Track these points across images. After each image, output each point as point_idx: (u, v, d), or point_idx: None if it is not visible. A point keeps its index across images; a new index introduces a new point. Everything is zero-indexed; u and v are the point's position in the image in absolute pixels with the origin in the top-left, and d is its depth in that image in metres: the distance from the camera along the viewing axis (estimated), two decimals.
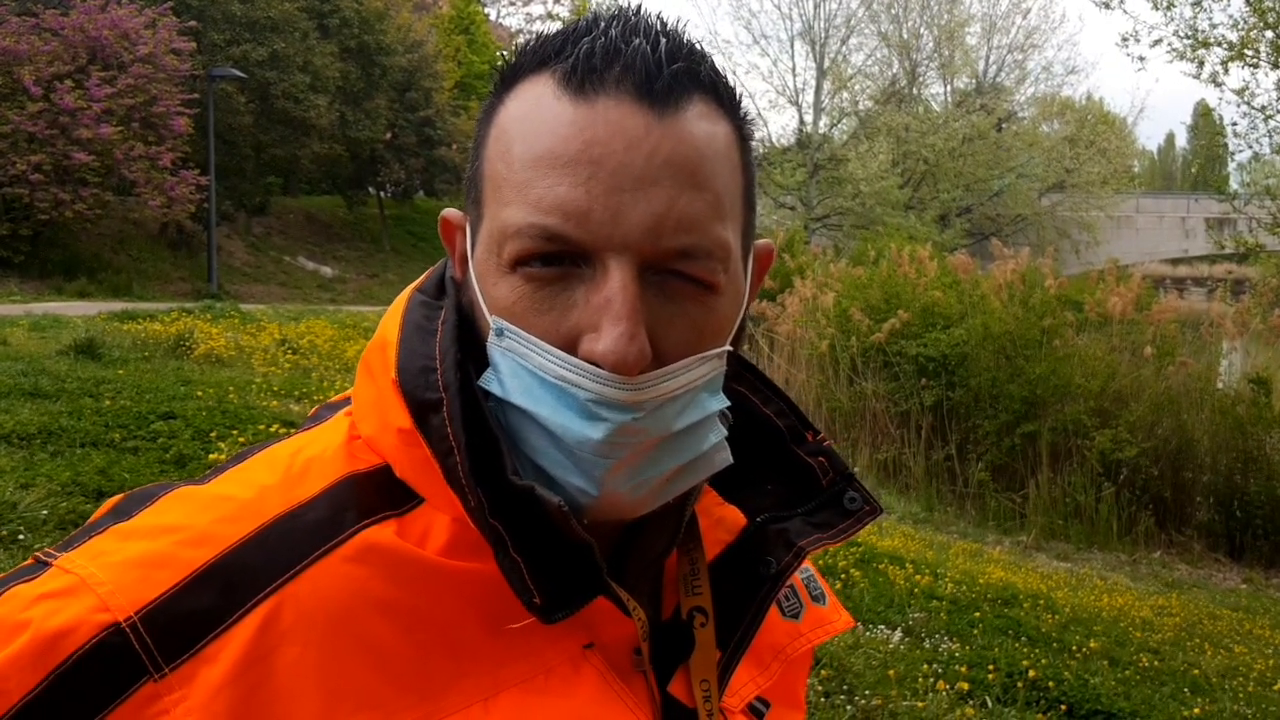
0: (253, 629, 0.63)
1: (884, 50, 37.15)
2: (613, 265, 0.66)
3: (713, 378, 0.71)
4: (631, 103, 0.66)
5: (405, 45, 29.45)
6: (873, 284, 14.85)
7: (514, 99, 0.71)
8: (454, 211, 0.79)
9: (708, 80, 0.70)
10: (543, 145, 0.67)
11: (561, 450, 0.67)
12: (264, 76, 23.93)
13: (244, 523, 0.67)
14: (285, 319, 15.22)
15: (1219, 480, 11.57)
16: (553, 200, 0.66)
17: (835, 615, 0.94)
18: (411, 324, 0.73)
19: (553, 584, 0.68)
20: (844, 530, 0.82)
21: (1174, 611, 7.95)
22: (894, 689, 4.33)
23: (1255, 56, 11.41)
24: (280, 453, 0.74)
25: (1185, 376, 12.10)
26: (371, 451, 0.73)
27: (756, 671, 0.85)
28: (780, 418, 0.85)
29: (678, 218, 0.66)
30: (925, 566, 7.03)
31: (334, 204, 31.90)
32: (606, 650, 0.73)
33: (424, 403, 0.69)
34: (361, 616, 0.66)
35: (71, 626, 0.62)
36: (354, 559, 0.67)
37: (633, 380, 0.65)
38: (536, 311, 0.68)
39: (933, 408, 12.75)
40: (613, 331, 0.65)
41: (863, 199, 30.59)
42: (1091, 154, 34.82)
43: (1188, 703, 5.18)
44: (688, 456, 0.71)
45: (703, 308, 0.70)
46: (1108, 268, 14.84)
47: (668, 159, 0.66)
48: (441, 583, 0.69)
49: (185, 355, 10.12)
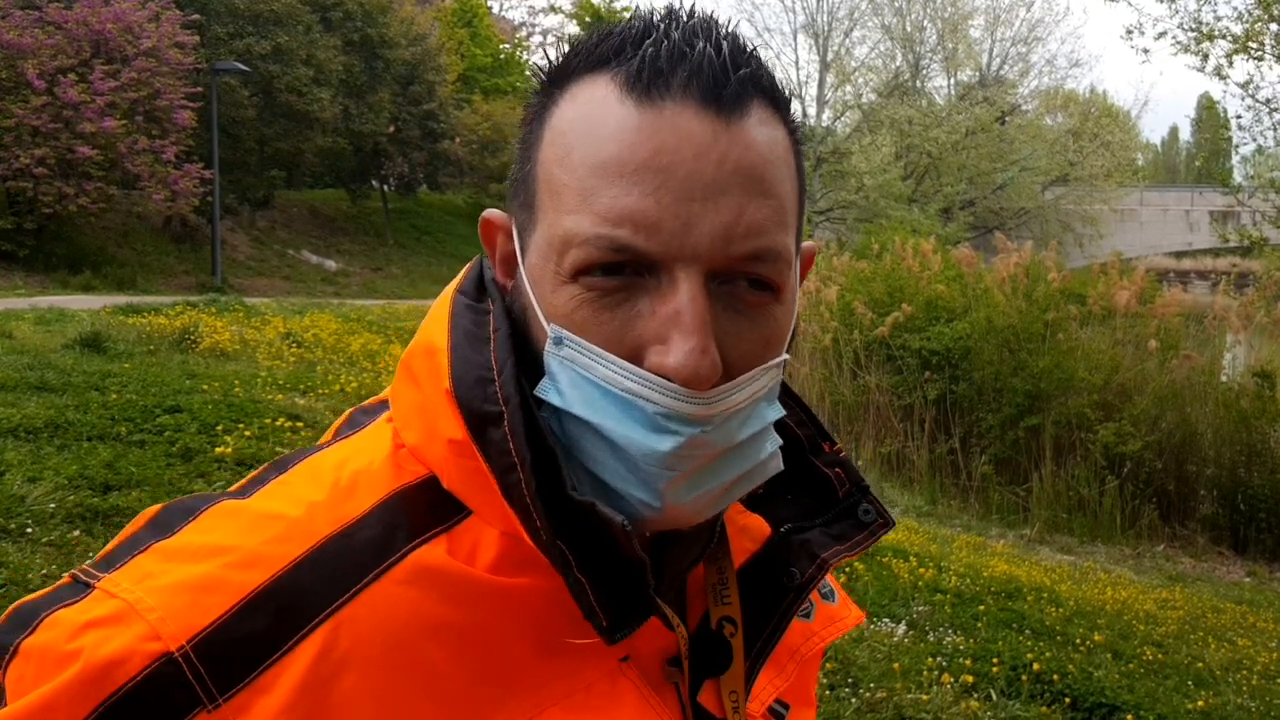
0: (309, 656, 0.62)
1: (887, 43, 37.11)
2: (681, 276, 0.65)
3: (772, 388, 0.71)
4: (697, 108, 0.65)
5: (408, 38, 29.41)
6: (876, 278, 14.85)
7: (569, 100, 0.69)
8: (497, 212, 0.77)
9: (767, 85, 0.70)
10: (608, 151, 0.65)
11: (624, 462, 0.66)
12: (267, 70, 23.88)
13: (295, 543, 0.65)
14: (289, 312, 15.21)
15: (1223, 474, 11.56)
16: (621, 210, 0.64)
17: (845, 611, 0.94)
18: (461, 330, 0.72)
19: (613, 603, 0.68)
20: (860, 542, 0.83)
21: (1178, 605, 7.96)
22: (898, 682, 4.34)
23: (1260, 49, 11.38)
24: (324, 464, 0.73)
25: (1189, 370, 12.08)
26: (417, 461, 0.72)
27: (775, 674, 0.85)
28: (800, 427, 0.85)
29: (747, 225, 0.66)
30: (929, 560, 7.04)
31: (337, 197, 31.87)
32: (640, 662, 0.74)
33: (482, 415, 0.67)
34: (416, 641, 0.65)
35: (123, 656, 0.60)
36: (407, 581, 0.66)
37: (704, 394, 0.65)
38: (598, 322, 0.66)
39: (936, 401, 12.75)
40: (684, 345, 0.64)
41: (866, 192, 30.55)
42: (1095, 147, 34.75)
43: (1191, 696, 5.18)
44: (746, 466, 0.70)
45: (767, 316, 0.69)
46: (1111, 261, 14.82)
47: (736, 167, 0.65)
48: (491, 601, 0.68)
49: (190, 349, 10.11)
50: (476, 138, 31.16)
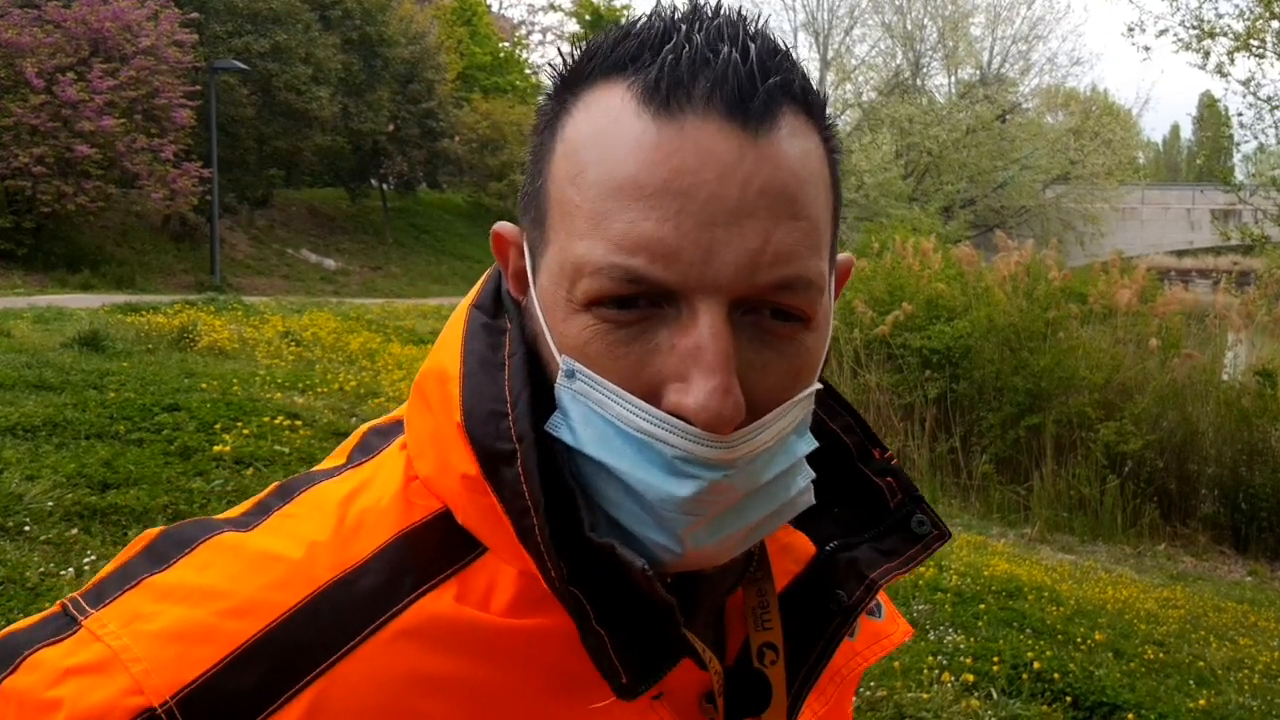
0: (298, 714, 0.59)
1: (887, 41, 37.13)
2: (702, 308, 0.60)
3: (802, 420, 0.66)
4: (721, 122, 0.60)
5: (407, 37, 29.39)
6: (876, 276, 14.83)
7: (583, 110, 0.64)
8: (508, 226, 0.72)
9: (800, 91, 0.64)
10: (623, 172, 0.60)
11: (641, 506, 0.62)
12: (266, 68, 23.87)
13: (293, 590, 0.62)
14: (288, 311, 15.21)
15: (1224, 473, 11.56)
16: (637, 237, 0.59)
17: (892, 628, 0.88)
18: (475, 355, 0.67)
19: (636, 654, 0.64)
20: (913, 558, 0.78)
21: (1179, 604, 7.94)
22: (899, 680, 4.33)
23: (1261, 47, 11.37)
24: (330, 497, 0.69)
25: (1190, 369, 12.08)
26: (429, 494, 0.68)
27: (814, 696, 0.80)
28: (847, 434, 0.80)
29: (774, 252, 0.60)
30: (930, 559, 7.02)
31: (336, 196, 31.87)
32: (673, 698, 0.69)
33: (495, 453, 0.63)
34: (414, 699, 0.61)
35: (104, 710, 0.57)
36: (408, 634, 0.62)
37: (726, 438, 0.60)
38: (613, 355, 0.61)
39: (937, 400, 12.74)
40: (705, 385, 0.59)
41: (866, 191, 30.54)
42: (1096, 145, 34.75)
43: (1193, 695, 5.17)
44: (774, 505, 0.65)
45: (797, 347, 0.64)
46: (1112, 260, 14.82)
47: (763, 188, 0.60)
48: (505, 648, 0.64)
49: (189, 347, 10.15)
50: (476, 136, 31.14)
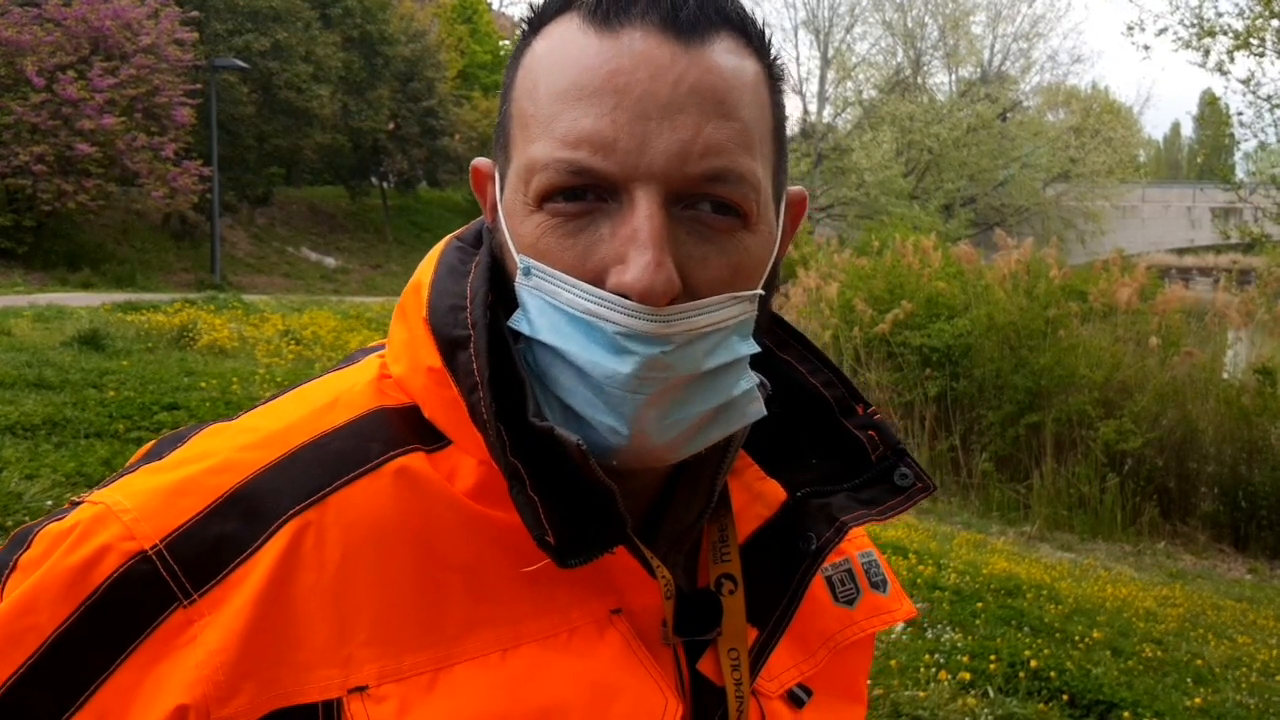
0: (275, 554, 0.64)
1: (888, 39, 37.09)
2: (639, 195, 0.65)
3: (744, 320, 0.69)
4: (657, 33, 0.66)
5: (408, 35, 29.40)
6: (876, 274, 14.83)
7: (542, 40, 0.70)
8: (485, 160, 0.78)
9: (735, 17, 0.70)
10: (568, 78, 0.66)
11: (590, 387, 0.66)
12: (266, 67, 23.89)
13: (269, 450, 0.67)
14: (288, 310, 15.22)
15: (1224, 471, 11.55)
16: (578, 132, 0.65)
17: (896, 604, 0.90)
18: (446, 266, 0.74)
19: (571, 528, 0.66)
20: (893, 507, 0.79)
21: (1178, 602, 7.94)
22: (895, 679, 4.33)
23: (1261, 45, 11.35)
24: (310, 388, 0.75)
25: (1190, 367, 12.07)
26: (401, 391, 0.73)
27: (801, 657, 0.82)
28: (829, 389, 0.82)
29: (704, 144, 0.65)
30: (929, 557, 7.03)
31: (337, 194, 31.87)
32: (635, 618, 0.72)
33: (452, 340, 0.69)
34: (385, 545, 0.66)
35: (98, 555, 0.62)
36: (384, 484, 0.67)
37: (661, 311, 0.64)
38: (563, 247, 0.67)
39: (937, 398, 12.73)
40: (639, 261, 0.64)
41: (867, 189, 30.52)
42: (1097, 143, 34.72)
43: (1190, 693, 5.17)
44: (717, 400, 0.68)
45: (735, 244, 0.68)
46: (1113, 258, 14.81)
47: (694, 87, 0.65)
48: (468, 524, 0.68)
49: (189, 346, 10.16)
50: (476, 134, 31.12)
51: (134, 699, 0.61)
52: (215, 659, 0.61)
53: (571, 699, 0.67)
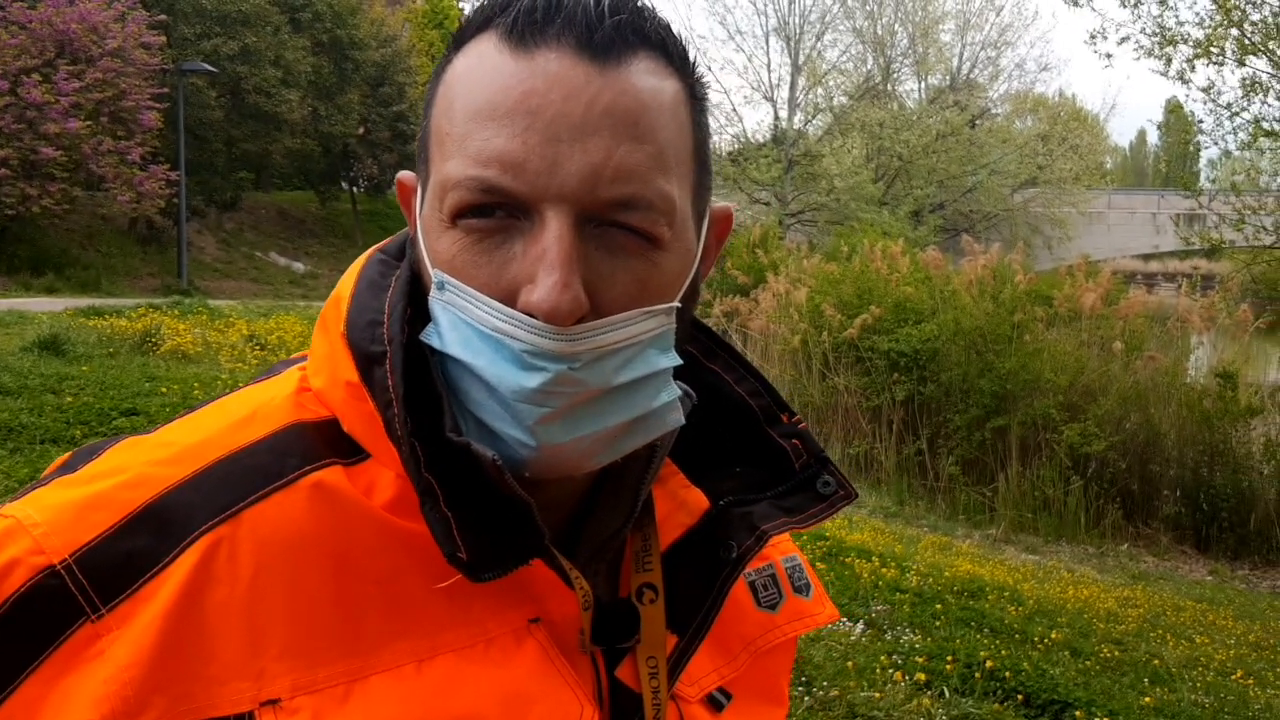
0: (186, 569, 0.63)
1: (858, 46, 37.27)
2: (550, 216, 0.65)
3: (661, 334, 0.70)
4: (572, 55, 0.66)
5: (378, 40, 29.29)
6: (845, 280, 14.89)
7: (461, 57, 0.71)
8: (409, 174, 0.78)
9: (654, 36, 0.70)
10: (483, 98, 0.67)
11: (499, 401, 0.66)
12: (235, 71, 23.73)
13: (184, 465, 0.67)
14: (255, 315, 15.10)
15: (1186, 473, 11.67)
16: (490, 152, 0.65)
17: (818, 608, 0.91)
18: (366, 280, 0.74)
19: (485, 542, 0.67)
20: (815, 515, 0.81)
21: (1139, 603, 8.02)
22: (852, 680, 4.34)
23: (1221, 54, 11.51)
24: (229, 401, 0.74)
25: (1153, 371, 12.20)
26: (321, 405, 0.73)
27: (722, 662, 0.83)
28: (754, 398, 0.83)
29: (616, 168, 0.66)
30: (892, 560, 7.06)
31: (306, 199, 31.68)
32: (554, 628, 0.72)
33: (369, 355, 0.69)
34: (299, 560, 0.66)
35: (6, 569, 0.62)
36: (299, 499, 0.67)
37: (568, 330, 0.65)
38: (476, 264, 0.67)
39: (904, 402, 12.80)
40: (547, 281, 0.64)
41: (837, 195, 30.64)
42: (1064, 150, 35.01)
43: (1146, 692, 5.22)
44: (634, 412, 0.69)
45: (646, 262, 0.69)
46: (1078, 263, 14.95)
47: (607, 109, 0.66)
48: (386, 537, 0.68)
49: (151, 351, 10.04)
50: None
51: (39, 713, 0.61)
52: (124, 674, 0.61)
53: (487, 708, 0.67)
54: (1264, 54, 10.61)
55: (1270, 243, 11.50)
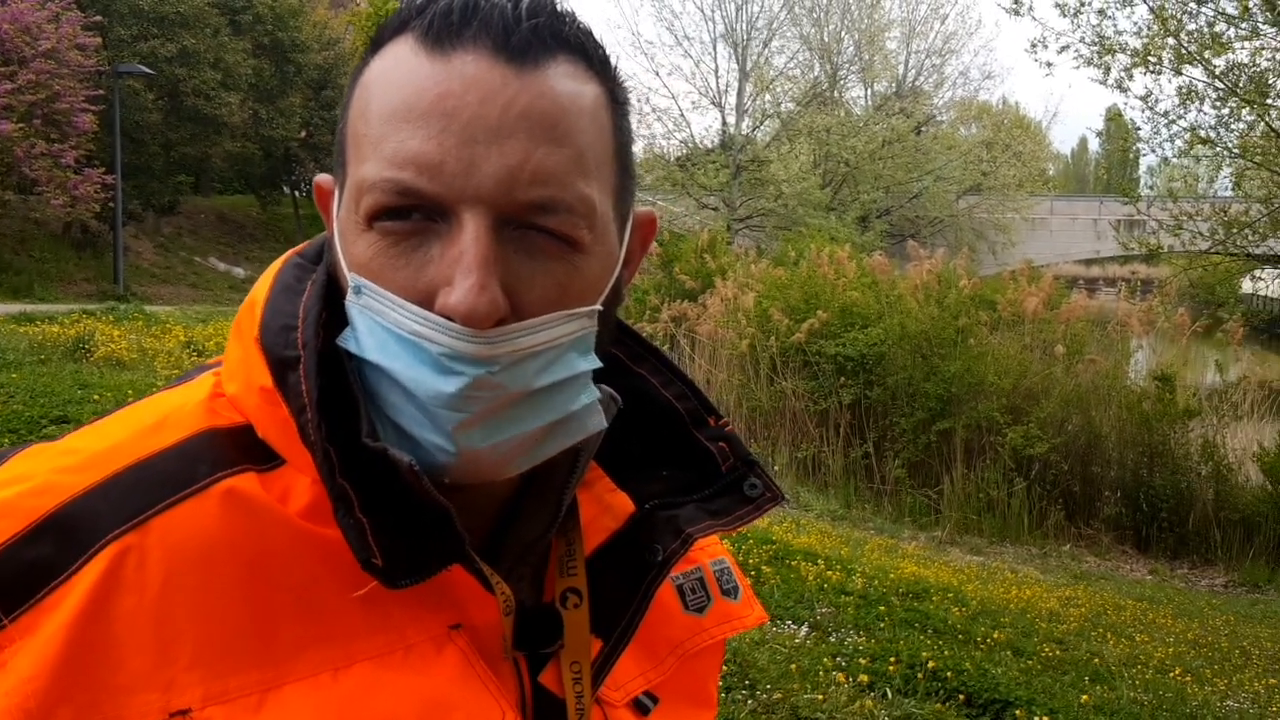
0: (92, 578, 0.62)
1: (805, 53, 37.47)
2: (467, 218, 0.64)
3: (581, 337, 0.69)
4: (489, 57, 0.65)
5: (321, 42, 28.97)
6: (793, 285, 14.97)
7: (378, 59, 0.70)
8: (326, 176, 0.77)
9: (573, 40, 0.69)
10: (398, 99, 0.66)
11: (417, 406, 0.65)
12: (173, 73, 23.31)
13: (91, 472, 0.65)
14: (193, 321, 14.84)
15: (1126, 474, 11.87)
16: (405, 154, 0.65)
17: (746, 610, 0.91)
18: (281, 284, 0.73)
19: (402, 548, 0.66)
20: (741, 517, 0.81)
21: (1080, 602, 8.11)
22: (796, 683, 4.31)
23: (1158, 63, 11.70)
24: (138, 408, 0.73)
25: (1094, 374, 12.40)
26: (235, 410, 0.71)
27: (648, 665, 0.82)
28: (681, 401, 0.83)
29: (534, 170, 0.65)
30: (837, 563, 7.06)
31: (247, 203, 31.29)
32: (476, 634, 0.71)
33: (283, 360, 0.68)
34: (211, 568, 0.64)
35: None
36: (211, 506, 0.65)
37: (485, 334, 0.64)
38: (393, 268, 0.66)
39: (851, 406, 12.88)
40: (464, 283, 0.63)
41: (785, 200, 30.79)
42: (1007, 157, 35.54)
43: (1086, 690, 5.25)
44: (553, 415, 0.68)
45: (567, 265, 0.68)
46: (1021, 268, 15.16)
47: (524, 112, 0.65)
48: (301, 544, 0.67)
49: (84, 358, 9.88)
50: None
51: None
52: (27, 685, 0.59)
53: (406, 716, 0.66)
54: (1200, 63, 10.82)
55: (1207, 248, 11.71)
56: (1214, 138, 11.14)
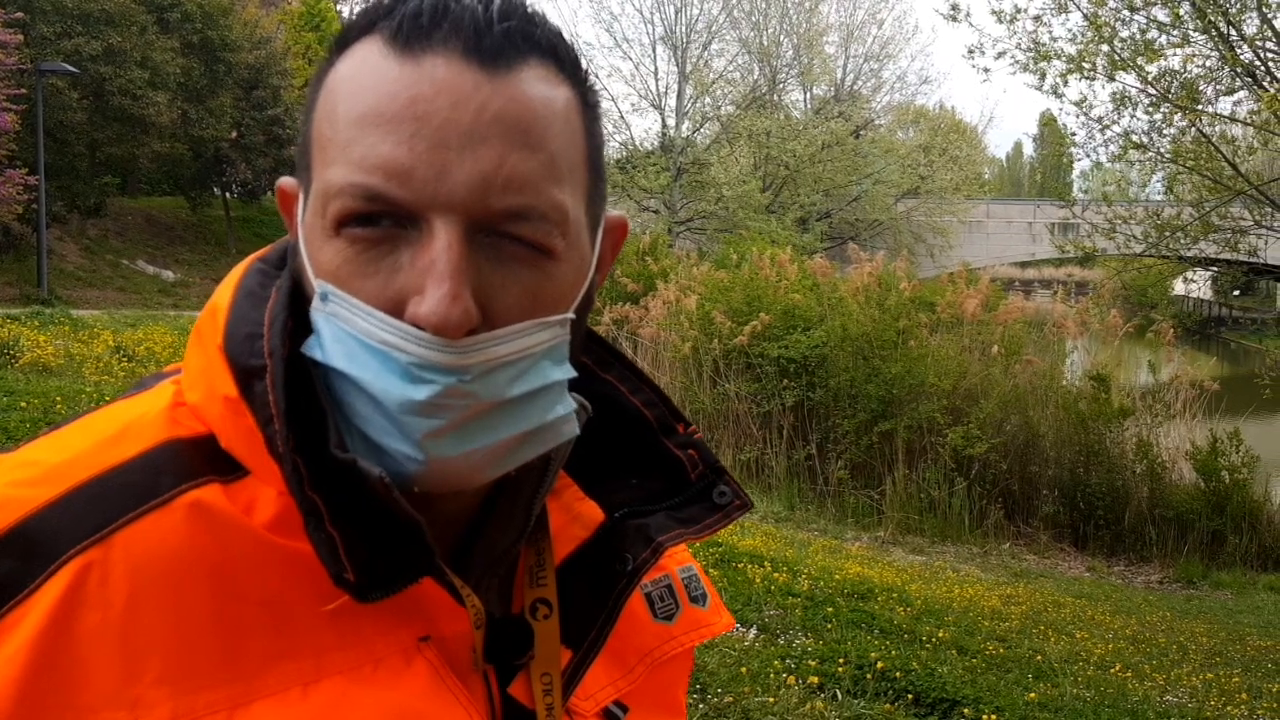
0: (54, 595, 0.60)
1: (745, 56, 37.74)
2: (438, 225, 0.63)
3: (555, 346, 0.68)
4: (460, 60, 0.64)
5: (251, 41, 28.39)
6: (735, 287, 14.97)
7: (344, 61, 0.68)
8: (290, 180, 0.74)
9: (545, 43, 0.68)
10: (367, 103, 0.64)
11: (384, 415, 0.64)
12: (98, 71, 22.74)
13: (49, 486, 0.63)
14: (122, 325, 14.49)
15: (1063, 473, 12.03)
16: (375, 159, 0.63)
17: (715, 617, 0.91)
18: (244, 291, 0.71)
19: (373, 562, 0.65)
20: (710, 525, 0.81)
21: (1021, 601, 8.17)
22: (746, 686, 4.26)
23: (1092, 70, 11.88)
24: (96, 418, 0.71)
25: (1031, 374, 12.56)
26: (197, 420, 0.69)
27: (618, 674, 0.82)
28: (649, 408, 0.82)
29: (507, 177, 0.64)
30: (784, 564, 7.04)
31: (176, 205, 30.63)
32: (445, 645, 0.70)
33: (249, 369, 0.66)
34: (176, 582, 0.63)
35: None
36: (175, 519, 0.64)
37: (457, 343, 0.62)
38: (362, 275, 0.64)
39: (794, 408, 12.90)
40: (435, 293, 0.62)
41: (725, 203, 30.94)
42: (944, 161, 36.08)
43: (1030, 688, 5.27)
44: (527, 425, 0.67)
45: (539, 273, 0.67)
46: (959, 271, 15.33)
47: (497, 116, 0.64)
48: (268, 556, 0.65)
49: (9, 365, 9.64)
50: None
51: None
52: None
53: None
54: (1133, 69, 11.00)
55: (1141, 251, 11.93)
56: (1147, 143, 11.32)
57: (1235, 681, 6.40)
